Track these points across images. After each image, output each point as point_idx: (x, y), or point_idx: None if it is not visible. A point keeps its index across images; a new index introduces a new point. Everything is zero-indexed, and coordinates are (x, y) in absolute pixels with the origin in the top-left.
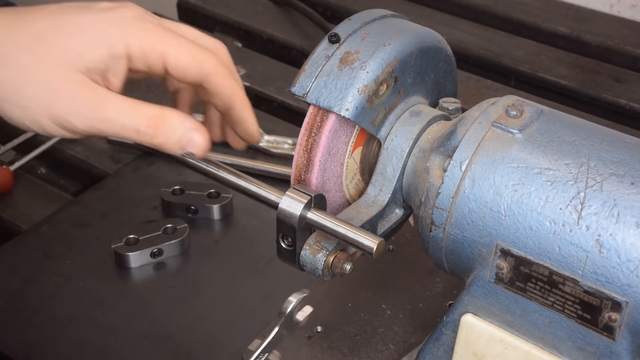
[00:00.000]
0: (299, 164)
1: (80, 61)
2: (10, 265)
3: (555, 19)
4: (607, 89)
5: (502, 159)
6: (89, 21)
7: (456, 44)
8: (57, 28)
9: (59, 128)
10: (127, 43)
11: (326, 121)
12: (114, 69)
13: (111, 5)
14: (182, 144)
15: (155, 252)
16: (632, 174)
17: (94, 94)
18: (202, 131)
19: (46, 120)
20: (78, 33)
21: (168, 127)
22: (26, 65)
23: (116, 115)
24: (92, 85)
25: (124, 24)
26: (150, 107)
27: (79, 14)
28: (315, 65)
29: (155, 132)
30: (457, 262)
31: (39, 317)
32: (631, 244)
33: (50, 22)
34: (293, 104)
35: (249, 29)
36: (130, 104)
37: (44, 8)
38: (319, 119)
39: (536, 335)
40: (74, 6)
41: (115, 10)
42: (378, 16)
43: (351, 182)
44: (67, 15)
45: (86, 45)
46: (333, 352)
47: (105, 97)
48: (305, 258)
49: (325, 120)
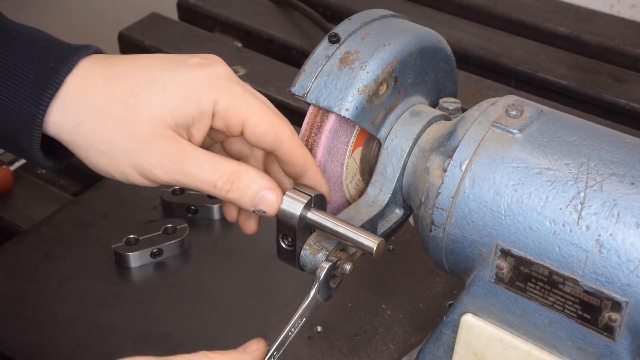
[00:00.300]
0: None
1: (170, 117)
2: (10, 265)
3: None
4: (607, 89)
5: (502, 159)
6: (182, 78)
7: (456, 44)
8: (150, 82)
9: (141, 177)
10: (215, 102)
11: (326, 121)
12: (198, 125)
13: (202, 61)
14: (255, 201)
15: (155, 252)
16: (632, 174)
17: (179, 149)
18: (276, 190)
19: (130, 170)
20: (170, 89)
21: (243, 185)
22: (118, 117)
23: (197, 170)
24: (178, 140)
25: (214, 83)
26: (229, 162)
27: (172, 69)
28: (315, 65)
29: (230, 188)
30: (457, 262)
31: (39, 317)
32: (631, 244)
33: (144, 76)
34: (293, 104)
35: (249, 29)
36: (210, 159)
37: (140, 59)
38: (319, 119)
39: (536, 335)
40: (167, 59)
41: (206, 67)
42: (378, 16)
43: (351, 182)
44: (161, 71)
45: (177, 102)
46: (333, 352)
47: (189, 152)
48: (305, 258)
49: (325, 120)
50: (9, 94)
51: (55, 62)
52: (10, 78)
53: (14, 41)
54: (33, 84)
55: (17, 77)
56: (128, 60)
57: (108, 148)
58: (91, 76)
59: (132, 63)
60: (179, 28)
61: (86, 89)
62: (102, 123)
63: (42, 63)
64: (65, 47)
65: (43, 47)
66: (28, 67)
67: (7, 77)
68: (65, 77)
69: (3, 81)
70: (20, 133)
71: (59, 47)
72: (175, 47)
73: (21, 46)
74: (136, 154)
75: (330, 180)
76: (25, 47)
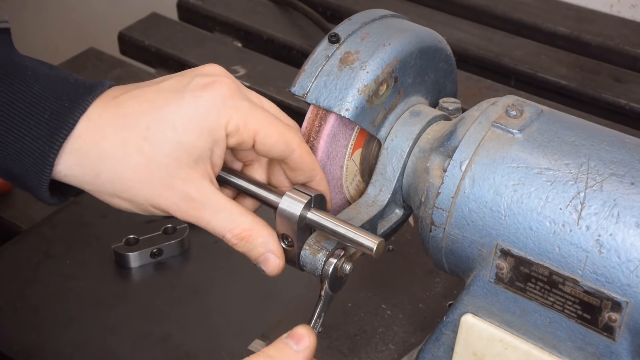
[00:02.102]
0: None
1: (187, 156)
2: (11, 265)
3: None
4: (607, 89)
5: (502, 159)
6: (189, 111)
7: (456, 44)
8: (160, 123)
9: (161, 212)
10: (225, 125)
11: (324, 125)
12: (216, 151)
13: (205, 81)
14: (258, 260)
15: (155, 252)
16: (632, 174)
17: (197, 193)
18: (279, 257)
19: (151, 208)
20: (181, 127)
21: (251, 244)
22: (135, 165)
23: (210, 218)
24: (197, 183)
25: (221, 106)
26: (244, 217)
27: (177, 101)
28: (315, 65)
29: (238, 243)
30: (457, 262)
31: (39, 317)
32: (631, 244)
33: (152, 116)
34: (293, 104)
35: (249, 29)
36: (226, 208)
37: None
38: (317, 123)
39: (536, 335)
40: (170, 89)
41: (209, 89)
42: (378, 16)
43: (351, 183)
44: (167, 106)
45: (191, 138)
46: (333, 352)
47: (206, 198)
48: (305, 258)
49: (323, 124)
50: (24, 134)
51: (70, 102)
52: (27, 118)
53: (31, 81)
54: (47, 124)
55: (32, 117)
56: (134, 99)
57: (129, 195)
58: (103, 127)
59: (137, 101)
60: (179, 28)
61: (99, 140)
62: (120, 172)
63: (57, 104)
64: (80, 87)
65: (59, 87)
66: (44, 107)
67: (24, 117)
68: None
69: (20, 121)
70: (30, 172)
71: (73, 87)
72: (175, 47)
73: (39, 87)
74: (155, 198)
75: (330, 183)
76: (42, 87)
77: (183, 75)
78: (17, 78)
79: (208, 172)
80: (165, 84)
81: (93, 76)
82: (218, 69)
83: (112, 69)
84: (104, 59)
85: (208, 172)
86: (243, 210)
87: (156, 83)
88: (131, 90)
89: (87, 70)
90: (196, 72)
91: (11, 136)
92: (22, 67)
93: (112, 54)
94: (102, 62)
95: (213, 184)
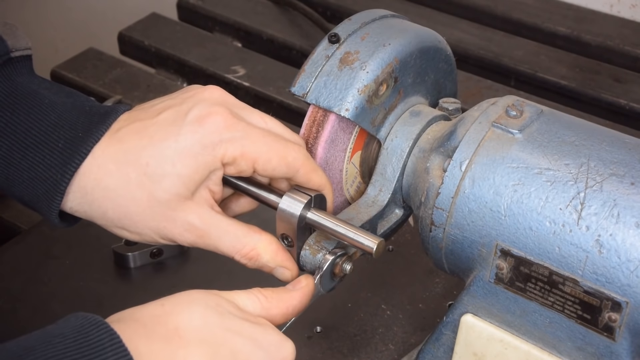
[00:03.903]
0: None
1: (186, 189)
2: (10, 265)
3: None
4: (607, 89)
5: (502, 159)
6: (186, 146)
7: (456, 44)
8: (159, 160)
9: (168, 242)
10: (222, 157)
11: (322, 131)
12: (214, 179)
13: (202, 114)
14: (272, 273)
15: (155, 252)
16: (632, 174)
17: (200, 221)
18: (290, 268)
19: (159, 239)
20: (179, 163)
21: (259, 262)
22: (138, 201)
23: (217, 243)
24: (199, 211)
25: (217, 140)
26: (250, 237)
27: (174, 136)
28: (315, 65)
29: (248, 263)
30: (457, 262)
31: (39, 317)
32: (631, 244)
33: (151, 152)
34: (293, 104)
35: (248, 29)
36: (230, 231)
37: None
38: (314, 130)
39: (536, 335)
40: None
41: (205, 123)
42: (378, 16)
43: (352, 185)
44: (165, 141)
45: (189, 173)
46: (333, 353)
47: (209, 224)
48: (305, 258)
49: (321, 130)
50: (38, 162)
51: (84, 132)
52: (41, 146)
53: (48, 110)
54: (62, 153)
55: (47, 145)
56: (134, 134)
57: (136, 229)
58: (106, 163)
59: (138, 137)
60: (179, 28)
61: (103, 177)
62: (125, 209)
63: (72, 132)
64: (95, 115)
65: (74, 115)
66: (59, 136)
67: (39, 146)
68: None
69: (35, 149)
70: (42, 199)
71: (88, 115)
72: (175, 47)
73: (55, 116)
74: (161, 230)
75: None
76: (58, 116)
77: (182, 102)
78: (35, 107)
79: (207, 200)
80: (164, 116)
81: (93, 76)
82: (216, 93)
83: (112, 69)
84: (104, 59)
85: (207, 200)
86: (247, 229)
87: (156, 114)
88: (132, 124)
89: (87, 70)
90: (195, 99)
91: (26, 163)
92: (40, 95)
93: (112, 54)
94: (102, 62)
95: (214, 209)
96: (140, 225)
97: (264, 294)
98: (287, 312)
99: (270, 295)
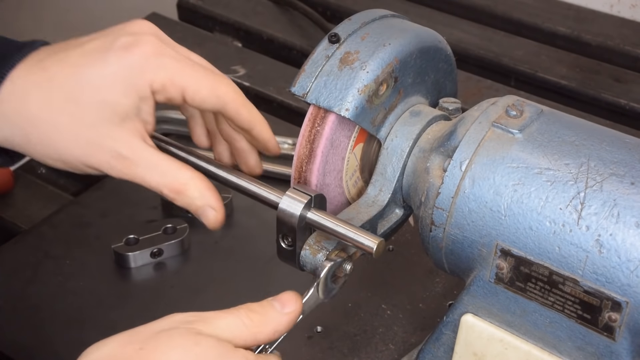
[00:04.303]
0: (301, 155)
1: (115, 115)
2: (10, 265)
3: (555, 19)
4: (607, 89)
5: (502, 159)
6: (113, 70)
7: (456, 44)
8: (85, 83)
9: (94, 171)
10: (150, 83)
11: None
12: (145, 109)
13: (130, 41)
14: (198, 213)
15: (155, 252)
16: (632, 174)
17: (128, 150)
18: (217, 209)
19: (86, 168)
20: (105, 86)
21: (188, 197)
22: (63, 127)
23: (145, 174)
24: (127, 140)
25: (145, 65)
26: (181, 172)
27: (100, 62)
28: (315, 65)
29: (176, 197)
30: (457, 262)
31: (39, 317)
32: (631, 244)
33: (76, 78)
34: (293, 104)
35: (248, 29)
36: (159, 165)
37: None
38: (314, 130)
39: (536, 335)
40: (94, 49)
41: (133, 49)
42: (378, 16)
43: (351, 178)
44: (92, 67)
45: (116, 97)
46: (333, 352)
47: (138, 156)
48: (305, 258)
49: (321, 130)
50: None
51: None
52: None
53: None
54: None
55: None
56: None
57: (60, 156)
58: (27, 90)
59: (61, 65)
60: (179, 28)
61: (25, 103)
62: (48, 134)
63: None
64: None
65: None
66: None
67: None
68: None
69: None
70: None
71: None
72: None
73: None
74: (87, 158)
75: (331, 173)
76: None
77: (108, 34)
78: None
79: (138, 130)
80: (90, 45)
81: None
82: (145, 26)
83: None
84: None
85: (138, 130)
86: (180, 165)
87: (81, 44)
88: (56, 54)
89: None
90: (121, 31)
91: None
92: None
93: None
94: None
95: (145, 141)
96: (65, 152)
97: (250, 317)
98: (273, 336)
99: (257, 318)
